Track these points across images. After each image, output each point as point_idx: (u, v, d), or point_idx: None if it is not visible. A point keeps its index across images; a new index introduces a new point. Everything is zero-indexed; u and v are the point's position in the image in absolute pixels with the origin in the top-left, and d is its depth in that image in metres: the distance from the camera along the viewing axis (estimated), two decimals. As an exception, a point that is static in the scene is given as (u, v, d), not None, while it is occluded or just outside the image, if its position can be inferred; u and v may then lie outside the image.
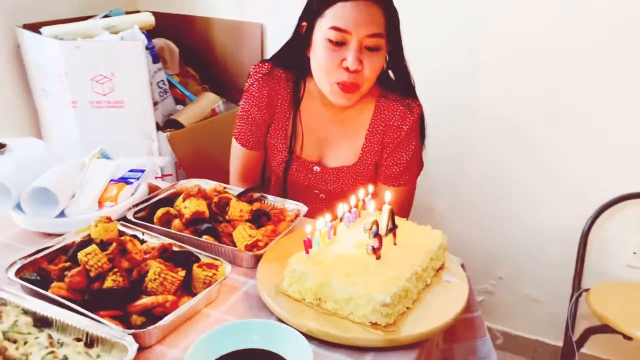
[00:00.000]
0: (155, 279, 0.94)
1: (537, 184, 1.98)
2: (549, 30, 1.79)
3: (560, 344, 2.07)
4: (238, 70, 2.31)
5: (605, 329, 1.67)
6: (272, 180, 1.56)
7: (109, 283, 0.94)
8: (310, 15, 1.28)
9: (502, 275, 2.10)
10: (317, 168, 1.43)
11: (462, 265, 1.11)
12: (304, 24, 1.31)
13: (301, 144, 1.42)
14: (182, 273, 0.97)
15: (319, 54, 1.26)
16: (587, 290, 1.81)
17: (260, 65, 1.41)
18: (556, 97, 1.85)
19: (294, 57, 1.37)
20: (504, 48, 1.88)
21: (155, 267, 0.95)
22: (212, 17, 2.30)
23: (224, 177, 1.51)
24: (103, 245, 1.02)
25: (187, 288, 0.99)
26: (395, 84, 1.38)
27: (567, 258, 2.01)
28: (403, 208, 1.45)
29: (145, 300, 0.92)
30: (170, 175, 1.93)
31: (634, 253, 1.89)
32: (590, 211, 1.90)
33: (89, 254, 0.96)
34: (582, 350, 1.86)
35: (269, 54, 2.24)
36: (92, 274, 0.95)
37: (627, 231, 1.90)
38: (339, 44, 1.23)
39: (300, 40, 1.33)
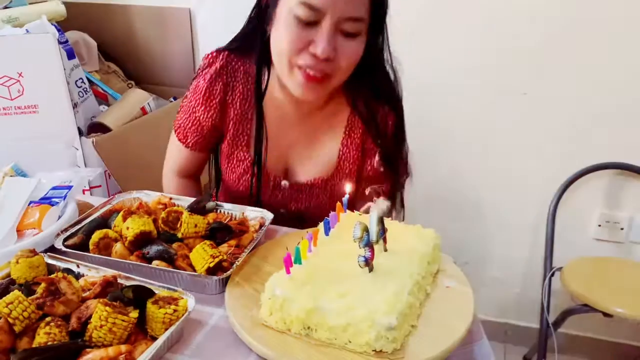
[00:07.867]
0: (101, 326, 0.75)
1: (497, 165, 1.91)
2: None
3: (531, 325, 2.03)
4: (166, 62, 2.09)
5: (583, 308, 1.61)
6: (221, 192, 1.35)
7: (41, 338, 0.74)
8: None
9: (468, 260, 2.02)
10: (285, 183, 1.20)
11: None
12: None
13: (265, 152, 1.17)
14: (134, 314, 0.78)
15: (281, 30, 0.99)
16: (559, 269, 1.75)
17: (215, 55, 1.15)
18: (511, 78, 1.78)
19: (253, 38, 1.10)
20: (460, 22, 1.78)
21: (100, 310, 0.76)
22: (131, 5, 2.06)
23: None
24: (28, 288, 0.82)
25: (141, 329, 0.80)
26: (375, 82, 1.12)
27: (530, 237, 1.96)
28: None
29: (92, 356, 0.72)
30: (100, 186, 1.68)
31: (599, 226, 1.85)
32: (551, 189, 1.84)
33: (11, 302, 0.75)
34: (560, 329, 1.81)
35: (200, 43, 2.04)
36: (17, 329, 0.75)
37: (590, 205, 1.86)
38: (309, 24, 0.97)
39: (260, 15, 1.07)
